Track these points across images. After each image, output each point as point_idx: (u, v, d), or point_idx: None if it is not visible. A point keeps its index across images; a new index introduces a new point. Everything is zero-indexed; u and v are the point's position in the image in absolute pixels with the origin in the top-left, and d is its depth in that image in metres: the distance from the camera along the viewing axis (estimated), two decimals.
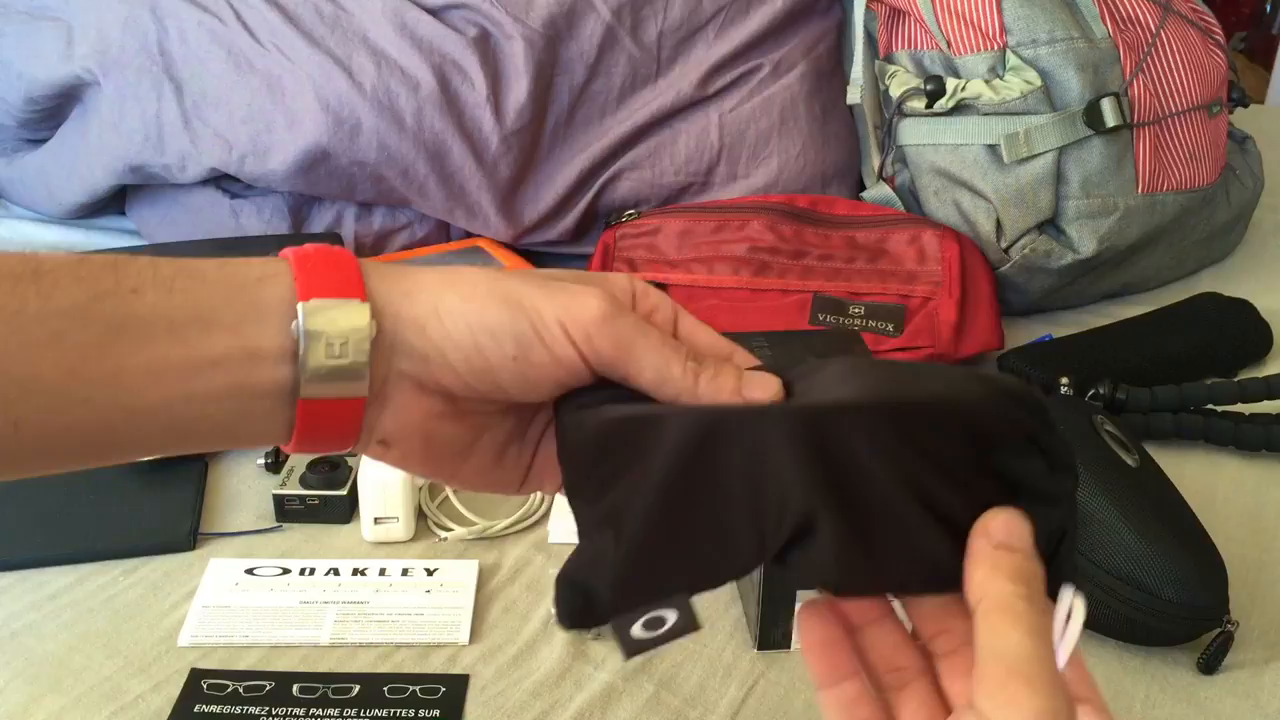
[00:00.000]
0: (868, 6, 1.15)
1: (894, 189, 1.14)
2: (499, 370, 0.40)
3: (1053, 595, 0.35)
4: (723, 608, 0.72)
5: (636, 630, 0.37)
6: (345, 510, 0.80)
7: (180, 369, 0.39)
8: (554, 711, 0.64)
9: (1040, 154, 1.02)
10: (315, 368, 0.39)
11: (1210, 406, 0.90)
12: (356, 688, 0.66)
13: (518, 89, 1.10)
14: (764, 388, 0.41)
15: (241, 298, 0.39)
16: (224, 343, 0.39)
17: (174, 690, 0.65)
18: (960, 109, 1.05)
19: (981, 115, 1.04)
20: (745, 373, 0.41)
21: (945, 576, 0.36)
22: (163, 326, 0.38)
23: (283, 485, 0.80)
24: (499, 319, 0.40)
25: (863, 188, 1.19)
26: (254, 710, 0.64)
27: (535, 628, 0.70)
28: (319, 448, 0.42)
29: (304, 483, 0.80)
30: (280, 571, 0.75)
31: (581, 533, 0.39)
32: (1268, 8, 2.91)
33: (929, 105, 1.06)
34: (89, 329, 0.37)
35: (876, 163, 1.16)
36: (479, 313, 0.40)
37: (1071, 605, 0.35)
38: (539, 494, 0.82)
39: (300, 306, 0.39)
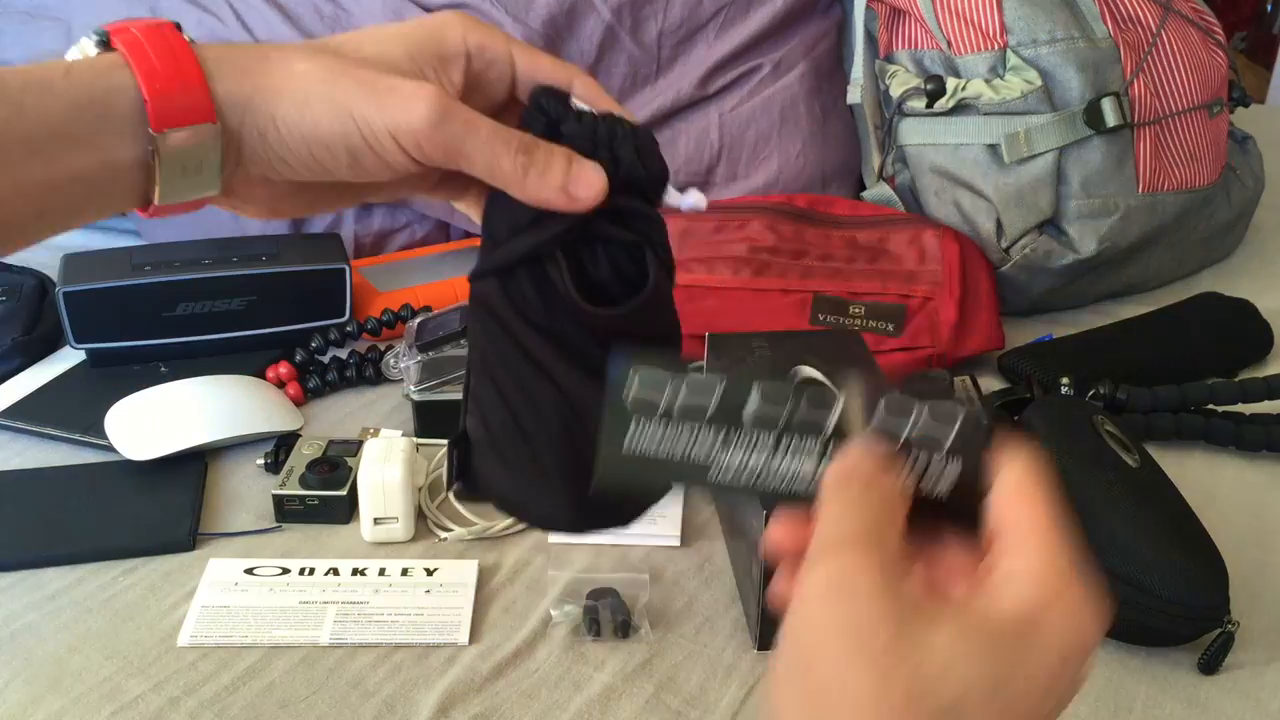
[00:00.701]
0: (868, 6, 1.15)
1: (894, 189, 1.14)
2: (336, 172, 0.43)
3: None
4: (723, 608, 0.72)
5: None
6: (345, 510, 0.80)
7: (44, 187, 0.40)
8: (553, 712, 0.64)
9: (1040, 154, 1.02)
10: (170, 183, 0.41)
11: (1211, 406, 0.90)
12: None
13: None
14: (589, 185, 0.43)
15: (93, 109, 0.40)
16: (83, 159, 0.40)
17: (174, 690, 0.65)
18: (960, 109, 1.05)
19: (982, 115, 1.04)
20: (574, 167, 0.43)
21: None
22: (21, 147, 0.39)
23: (282, 485, 0.80)
24: (330, 131, 0.41)
25: (863, 187, 1.19)
26: None
27: (535, 628, 0.70)
28: (167, 216, 0.45)
29: (304, 483, 0.80)
30: (280, 571, 0.75)
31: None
32: (1268, 7, 2.91)
33: (929, 105, 1.06)
34: None
35: (877, 162, 1.16)
36: (312, 125, 0.41)
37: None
38: None
39: (156, 139, 0.40)
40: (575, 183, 0.42)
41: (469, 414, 0.48)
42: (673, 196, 0.46)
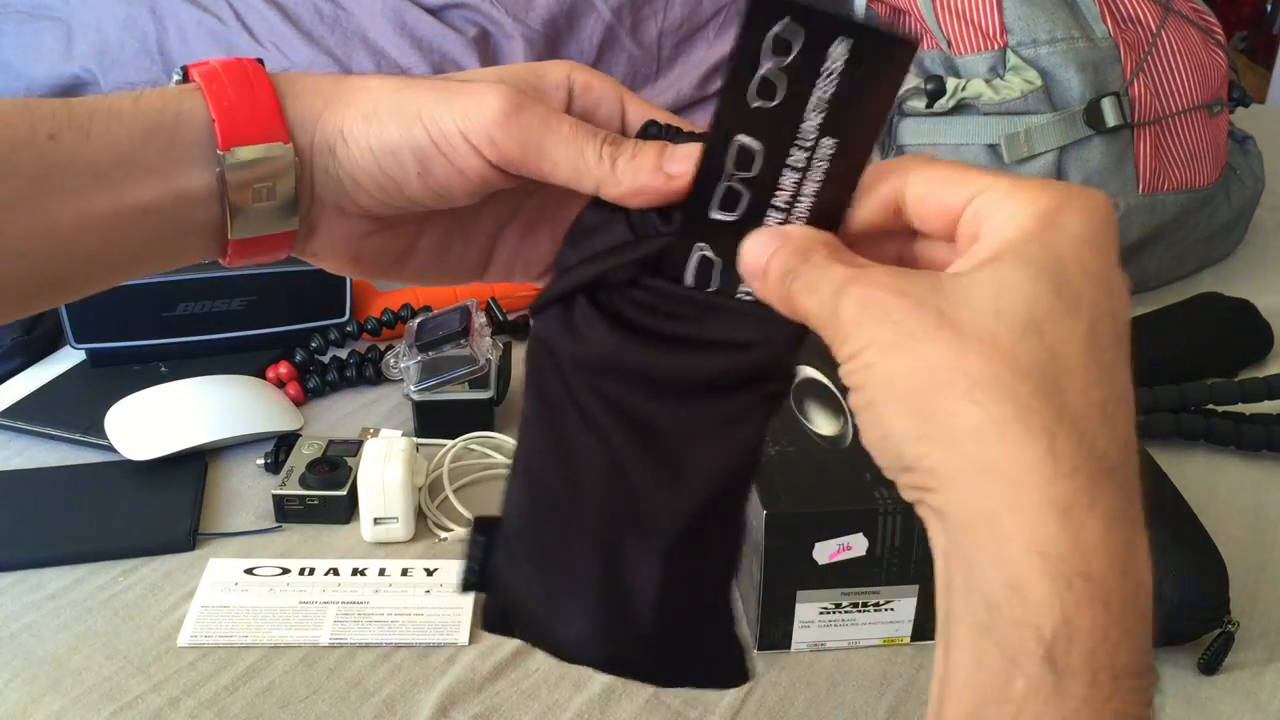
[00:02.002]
0: (868, 6, 1.15)
1: None
2: (406, 187, 0.40)
3: None
4: None
5: None
6: (345, 510, 0.80)
7: (111, 219, 0.39)
8: (553, 712, 0.64)
9: (1041, 154, 1.02)
10: (244, 212, 0.40)
11: (1211, 406, 0.90)
12: None
13: None
14: (685, 159, 0.36)
15: (161, 135, 0.39)
16: (152, 189, 0.39)
17: (174, 690, 0.65)
18: (961, 108, 1.05)
19: (982, 115, 1.04)
20: (668, 146, 0.38)
21: None
22: (87, 176, 0.38)
23: (282, 485, 0.80)
24: (397, 136, 0.39)
25: None
26: None
27: None
28: (252, 263, 0.43)
29: (304, 483, 0.80)
30: (280, 571, 0.75)
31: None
32: (1268, 7, 2.91)
33: (929, 105, 1.06)
34: (11, 182, 0.37)
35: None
36: (378, 133, 0.39)
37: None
38: None
39: (223, 158, 0.39)
40: (671, 160, 0.37)
41: (507, 495, 0.40)
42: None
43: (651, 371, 0.37)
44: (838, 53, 0.32)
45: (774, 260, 0.35)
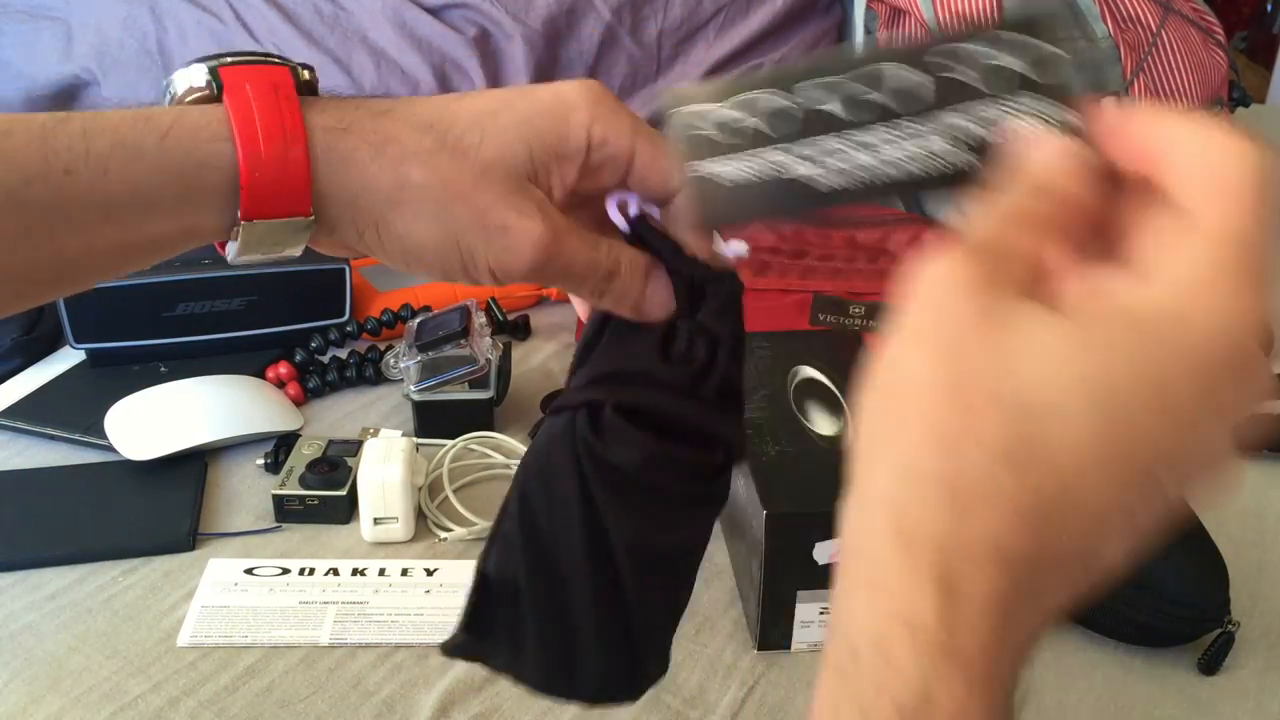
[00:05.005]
0: (868, 6, 1.15)
1: None
2: (424, 276, 0.43)
3: None
4: (722, 608, 0.72)
5: None
6: (345, 510, 0.80)
7: (118, 248, 0.39)
8: (552, 712, 0.64)
9: None
10: (248, 253, 0.41)
11: None
12: None
13: None
14: (661, 306, 0.43)
15: (183, 180, 0.38)
16: (164, 225, 0.39)
17: (174, 690, 0.65)
18: None
19: None
20: (647, 292, 0.43)
21: None
22: (99, 212, 0.37)
23: (282, 485, 0.80)
24: (435, 254, 0.41)
25: None
26: None
27: None
28: None
29: (303, 483, 0.80)
30: (280, 572, 0.75)
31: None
32: (1268, 7, 2.91)
33: None
34: (21, 217, 0.36)
35: None
36: (417, 243, 0.40)
37: None
38: None
39: (243, 227, 0.39)
40: (648, 304, 0.43)
41: (494, 553, 0.43)
42: (718, 245, 0.46)
43: (667, 491, 0.42)
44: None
45: None
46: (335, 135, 0.39)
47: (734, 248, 0.46)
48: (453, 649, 0.44)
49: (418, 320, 0.93)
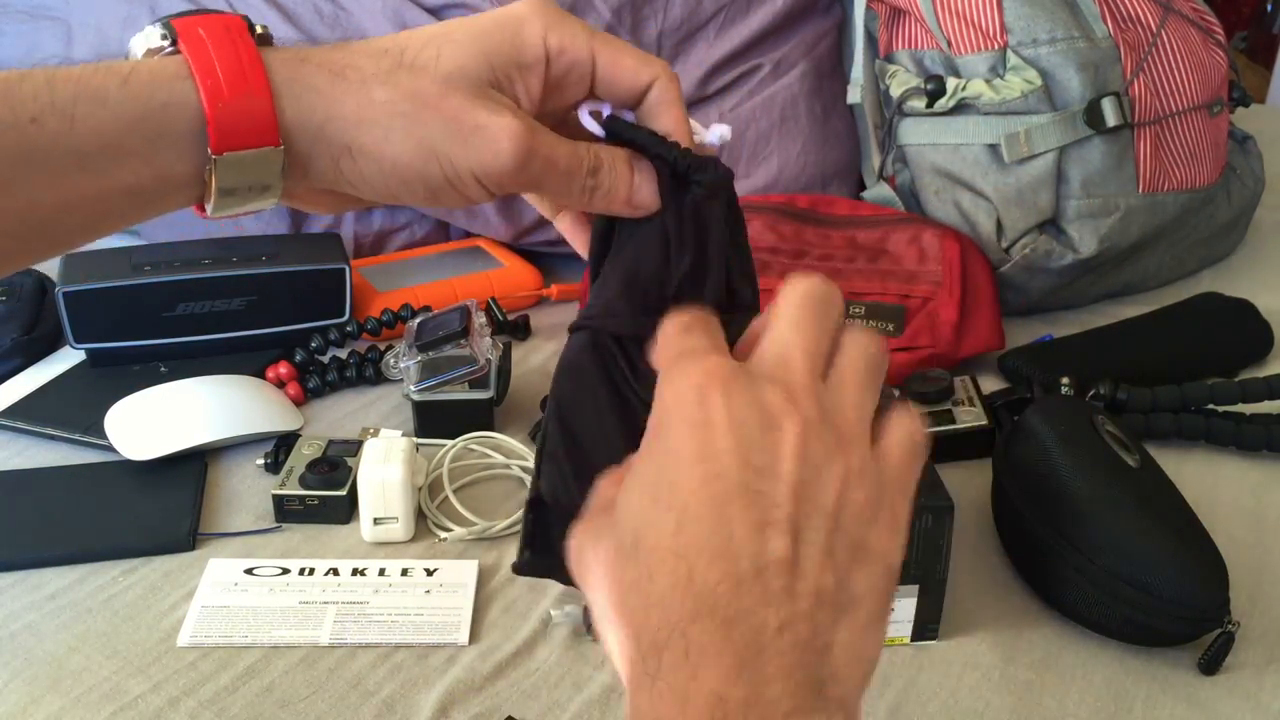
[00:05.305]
0: (868, 6, 1.15)
1: (894, 189, 1.14)
2: (410, 202, 0.43)
3: None
4: None
5: None
6: (345, 510, 0.80)
7: (93, 199, 0.39)
8: (553, 712, 0.64)
9: (1041, 154, 1.02)
10: (226, 199, 0.40)
11: (1211, 407, 0.90)
12: None
13: None
14: (650, 196, 0.44)
15: (149, 123, 0.38)
16: (136, 172, 0.39)
17: (174, 690, 0.65)
18: (961, 108, 1.05)
19: (982, 115, 1.04)
20: (635, 182, 0.44)
21: None
22: (70, 160, 0.37)
23: (282, 485, 0.80)
24: (411, 169, 0.40)
25: (863, 187, 1.19)
26: None
27: (534, 628, 0.70)
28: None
29: (303, 483, 0.80)
30: (279, 572, 0.75)
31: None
32: (1268, 7, 2.91)
33: (929, 105, 1.06)
34: None
35: (877, 162, 1.16)
36: (392, 162, 0.40)
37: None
38: None
39: (214, 160, 0.39)
40: (638, 194, 0.44)
41: (544, 476, 0.45)
42: (699, 132, 0.46)
43: None
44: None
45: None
46: (293, 66, 0.40)
47: (717, 131, 0.46)
48: (521, 567, 0.45)
49: (418, 320, 0.93)
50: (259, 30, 0.41)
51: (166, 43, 0.40)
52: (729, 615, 0.31)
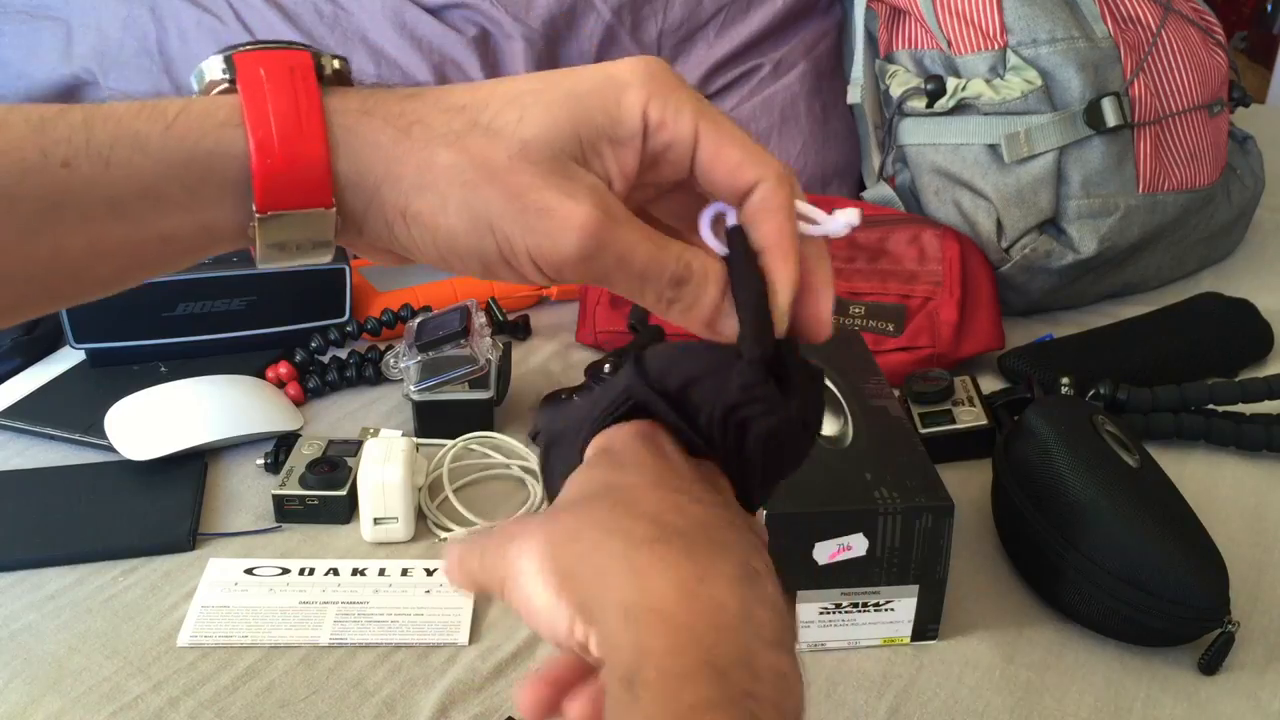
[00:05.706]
0: (868, 6, 1.15)
1: (894, 189, 1.14)
2: (464, 272, 0.38)
3: None
4: None
5: None
6: (345, 510, 0.80)
7: (128, 247, 0.36)
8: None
9: (1041, 154, 1.02)
10: (276, 255, 0.37)
11: (1211, 407, 0.90)
12: None
13: None
14: (734, 328, 0.39)
15: (191, 171, 0.35)
16: (176, 220, 0.36)
17: (174, 690, 0.65)
18: (961, 109, 1.05)
19: (982, 115, 1.04)
20: (724, 306, 0.38)
21: None
22: (103, 208, 0.35)
23: (282, 485, 0.80)
24: (466, 244, 0.36)
25: (863, 187, 1.19)
26: None
27: None
28: None
29: (303, 483, 0.80)
30: (280, 572, 0.75)
31: None
32: (1268, 7, 2.91)
33: (929, 105, 1.06)
34: (15, 211, 0.34)
35: (877, 162, 1.16)
36: (447, 233, 0.36)
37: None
38: (539, 493, 0.82)
39: (258, 220, 0.36)
40: (723, 322, 0.39)
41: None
42: (820, 224, 0.39)
43: None
44: None
45: None
46: (356, 118, 0.36)
47: (843, 218, 0.39)
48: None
49: (418, 320, 0.93)
50: (334, 67, 0.37)
51: (226, 78, 0.37)
52: None
